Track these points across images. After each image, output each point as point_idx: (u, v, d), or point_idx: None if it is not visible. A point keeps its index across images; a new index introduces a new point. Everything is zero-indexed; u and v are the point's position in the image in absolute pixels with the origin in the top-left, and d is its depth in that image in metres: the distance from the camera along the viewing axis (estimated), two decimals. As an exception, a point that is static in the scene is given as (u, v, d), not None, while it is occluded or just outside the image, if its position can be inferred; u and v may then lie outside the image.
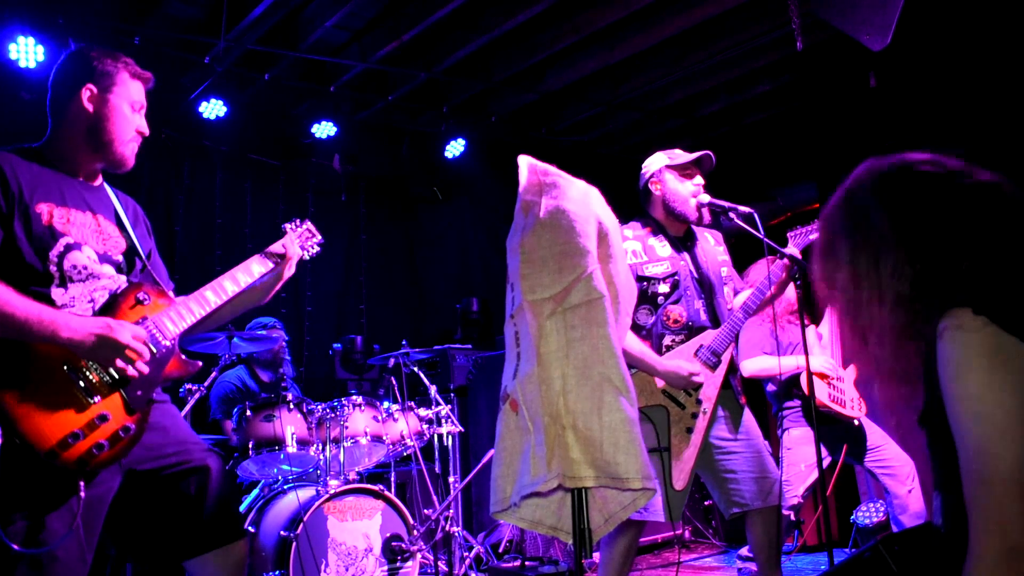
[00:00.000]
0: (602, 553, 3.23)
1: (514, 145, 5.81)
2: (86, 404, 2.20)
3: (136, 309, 2.39)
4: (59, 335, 2.16)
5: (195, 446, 2.51)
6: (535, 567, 4.91)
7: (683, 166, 3.41)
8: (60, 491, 2.17)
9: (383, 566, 4.23)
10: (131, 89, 2.50)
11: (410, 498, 5.63)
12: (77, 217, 2.41)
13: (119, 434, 2.24)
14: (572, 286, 2.11)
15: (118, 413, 2.25)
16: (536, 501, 2.19)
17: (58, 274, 2.31)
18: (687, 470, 3.14)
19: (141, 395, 2.31)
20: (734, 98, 7.07)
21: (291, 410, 4.41)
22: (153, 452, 2.40)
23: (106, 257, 2.44)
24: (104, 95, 2.46)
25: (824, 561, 4.34)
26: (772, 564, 3.26)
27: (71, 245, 2.35)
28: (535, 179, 2.23)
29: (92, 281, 2.37)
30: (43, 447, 2.10)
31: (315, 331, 7.38)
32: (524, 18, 5.62)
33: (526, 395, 2.06)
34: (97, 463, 2.20)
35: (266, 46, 5.90)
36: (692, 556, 5.90)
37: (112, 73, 2.47)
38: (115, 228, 2.52)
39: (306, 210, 7.41)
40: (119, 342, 2.21)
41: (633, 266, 3.26)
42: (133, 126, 2.50)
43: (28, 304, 2.16)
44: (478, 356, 6.51)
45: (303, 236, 2.95)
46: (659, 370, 3.17)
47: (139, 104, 2.53)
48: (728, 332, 3.26)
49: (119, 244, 2.51)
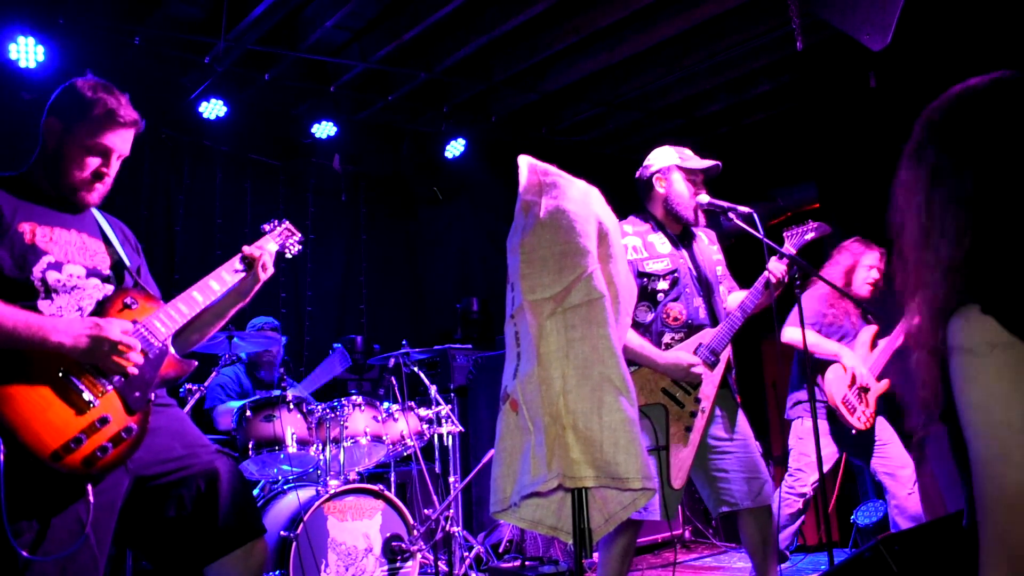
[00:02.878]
0: (601, 553, 3.23)
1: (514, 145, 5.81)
2: (85, 408, 2.20)
3: (124, 313, 2.38)
4: (49, 339, 2.16)
5: (203, 449, 2.49)
6: (535, 567, 4.91)
7: (692, 171, 3.39)
8: (68, 497, 2.17)
9: (383, 566, 4.23)
10: (98, 130, 2.40)
11: (410, 498, 5.63)
12: (61, 235, 2.41)
13: (121, 435, 2.24)
14: (572, 286, 2.11)
15: (118, 415, 2.25)
16: (536, 501, 2.19)
17: (43, 288, 2.31)
18: (685, 469, 3.14)
19: (139, 396, 2.31)
20: (734, 98, 7.07)
21: (291, 410, 4.41)
22: (160, 456, 2.40)
23: (94, 271, 2.45)
24: (65, 133, 2.40)
25: (824, 561, 4.34)
26: (767, 563, 3.26)
27: (53, 264, 2.35)
28: (535, 179, 2.23)
29: (78, 292, 2.38)
30: (45, 453, 2.10)
31: (315, 331, 7.38)
32: (524, 18, 5.62)
33: (526, 395, 2.06)
34: (102, 465, 2.20)
35: (266, 46, 5.90)
36: (692, 556, 5.90)
37: (85, 112, 2.39)
38: (101, 244, 2.52)
39: (306, 210, 7.42)
40: (109, 339, 2.21)
41: (633, 262, 3.25)
42: (89, 168, 2.41)
43: (15, 312, 2.16)
44: (478, 356, 6.51)
45: (282, 235, 2.94)
46: (659, 363, 3.17)
47: (104, 147, 2.42)
48: (726, 331, 3.26)
49: (106, 259, 2.51)
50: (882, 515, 4.90)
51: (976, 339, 1.30)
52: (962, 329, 1.32)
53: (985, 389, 1.28)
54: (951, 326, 1.34)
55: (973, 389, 1.29)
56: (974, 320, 1.31)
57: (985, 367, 1.28)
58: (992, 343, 1.29)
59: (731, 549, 5.99)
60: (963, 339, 1.32)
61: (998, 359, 1.28)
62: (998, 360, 1.28)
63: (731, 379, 3.38)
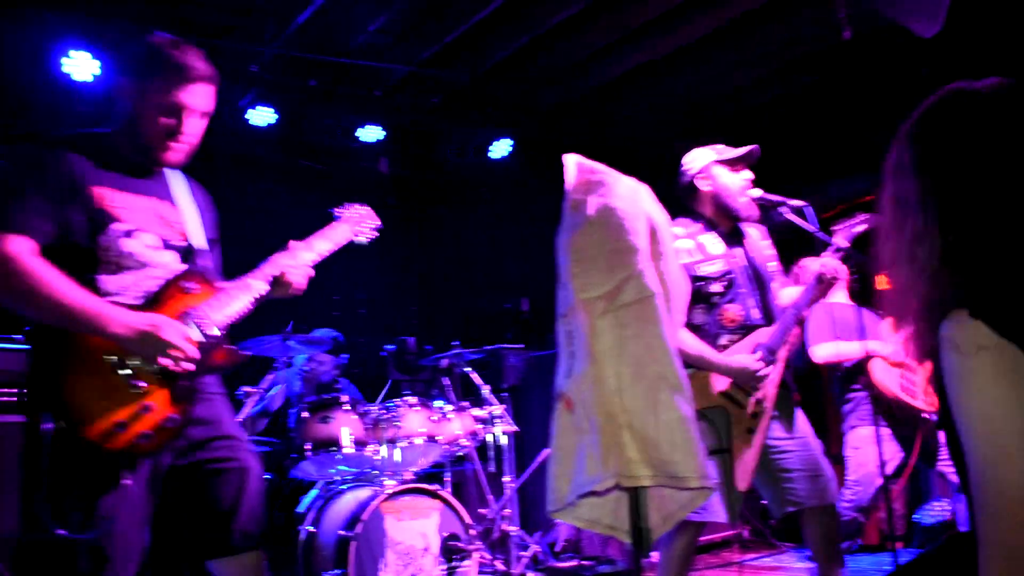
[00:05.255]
0: (661, 553, 3.20)
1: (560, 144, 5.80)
2: (131, 394, 2.20)
3: (182, 299, 2.37)
4: (107, 329, 2.16)
5: (241, 445, 2.48)
6: (592, 566, 4.90)
7: (732, 160, 3.36)
8: (108, 478, 2.18)
9: (441, 565, 4.26)
10: (173, 88, 2.36)
11: (465, 498, 5.65)
12: (136, 202, 2.39)
13: (163, 424, 2.24)
14: (623, 284, 2.10)
15: (163, 404, 2.25)
16: (593, 500, 2.18)
17: (109, 260, 2.29)
18: (749, 471, 3.08)
19: (186, 386, 2.31)
20: (781, 90, 6.96)
21: (347, 411, 4.46)
22: (200, 445, 2.40)
23: (168, 242, 2.43)
24: (140, 94, 2.38)
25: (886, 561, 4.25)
26: (832, 562, 3.21)
27: (126, 231, 2.33)
28: (583, 177, 2.23)
29: (146, 270, 2.35)
30: (89, 435, 2.12)
31: (368, 333, 7.45)
32: (566, 15, 5.60)
33: (580, 394, 2.06)
34: (141, 453, 2.21)
35: (311, 53, 5.97)
36: (750, 556, 5.83)
37: (158, 70, 2.37)
38: (177, 213, 2.50)
39: (355, 214, 7.48)
40: (165, 340, 2.20)
41: (687, 265, 3.20)
42: (166, 127, 2.38)
43: (80, 295, 2.17)
44: (529, 356, 6.51)
45: (356, 220, 2.90)
46: (723, 367, 3.11)
47: (180, 105, 2.38)
48: (783, 329, 3.20)
49: (181, 230, 2.48)
50: (947, 515, 4.78)
51: (966, 342, 1.31)
52: (952, 333, 1.33)
53: (978, 392, 1.28)
54: (942, 331, 1.35)
55: (966, 392, 1.30)
56: (963, 324, 1.32)
57: (976, 370, 1.29)
58: (981, 345, 1.29)
59: (791, 549, 5.91)
60: (954, 343, 1.33)
61: (987, 361, 1.28)
62: (987, 362, 1.28)
63: (789, 377, 3.33)
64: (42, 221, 2.22)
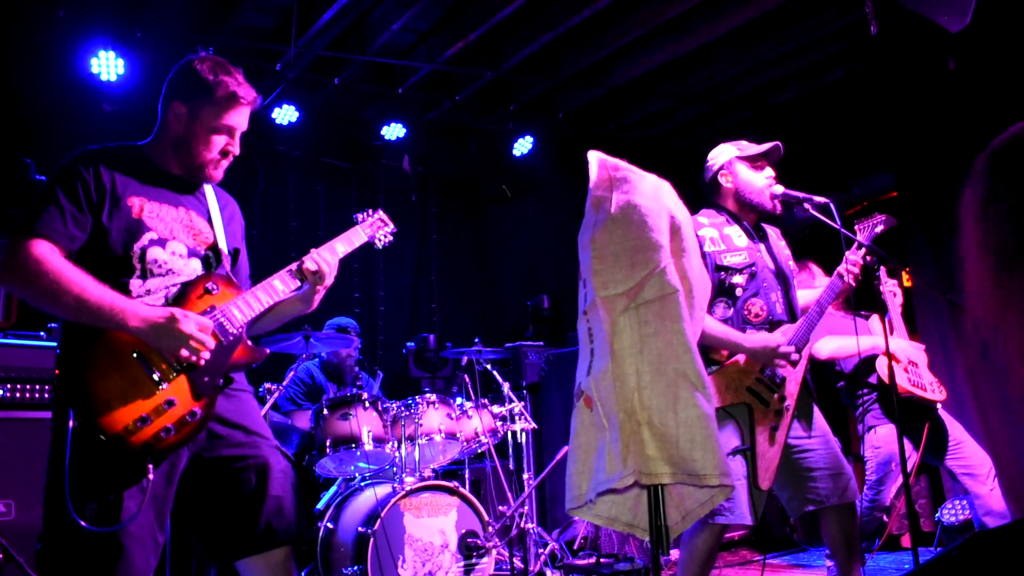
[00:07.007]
0: (682, 552, 3.18)
1: (582, 141, 5.79)
2: (154, 389, 2.25)
3: (204, 298, 2.43)
4: (128, 323, 2.23)
5: (264, 441, 2.51)
6: (610, 564, 4.89)
7: (754, 157, 3.35)
8: (129, 473, 2.22)
9: (459, 562, 4.27)
10: (223, 112, 2.51)
11: (484, 495, 5.66)
12: (168, 212, 2.48)
13: (186, 419, 2.28)
14: (645, 281, 2.09)
15: (185, 398, 2.29)
16: (612, 498, 2.17)
17: (139, 266, 2.37)
18: (772, 468, 3.05)
19: (208, 381, 2.35)
20: (805, 87, 6.92)
21: (367, 408, 4.48)
22: (223, 441, 2.43)
23: (194, 251, 2.50)
24: (192, 117, 2.50)
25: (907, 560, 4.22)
26: (851, 560, 3.18)
27: (156, 240, 2.41)
28: (605, 174, 2.22)
29: (171, 276, 2.43)
30: (112, 430, 2.16)
31: (388, 330, 7.48)
32: (589, 13, 5.60)
33: (600, 392, 2.05)
34: (164, 447, 2.25)
35: (335, 51, 6.00)
36: (770, 554, 5.80)
37: (209, 95, 2.49)
38: (205, 223, 2.58)
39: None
40: (184, 332, 2.26)
41: (711, 254, 3.19)
42: (216, 148, 2.53)
43: (103, 291, 2.24)
44: (550, 353, 6.51)
45: (375, 226, 2.94)
46: (746, 347, 3.08)
47: (228, 127, 2.53)
48: (806, 326, 3.18)
49: (208, 239, 2.56)
50: (969, 513, 4.74)
51: None
52: None
53: None
54: None
55: None
56: None
57: None
58: None
59: (810, 548, 5.88)
60: None
61: None
62: None
63: (808, 376, 3.30)
64: (71, 228, 2.31)
